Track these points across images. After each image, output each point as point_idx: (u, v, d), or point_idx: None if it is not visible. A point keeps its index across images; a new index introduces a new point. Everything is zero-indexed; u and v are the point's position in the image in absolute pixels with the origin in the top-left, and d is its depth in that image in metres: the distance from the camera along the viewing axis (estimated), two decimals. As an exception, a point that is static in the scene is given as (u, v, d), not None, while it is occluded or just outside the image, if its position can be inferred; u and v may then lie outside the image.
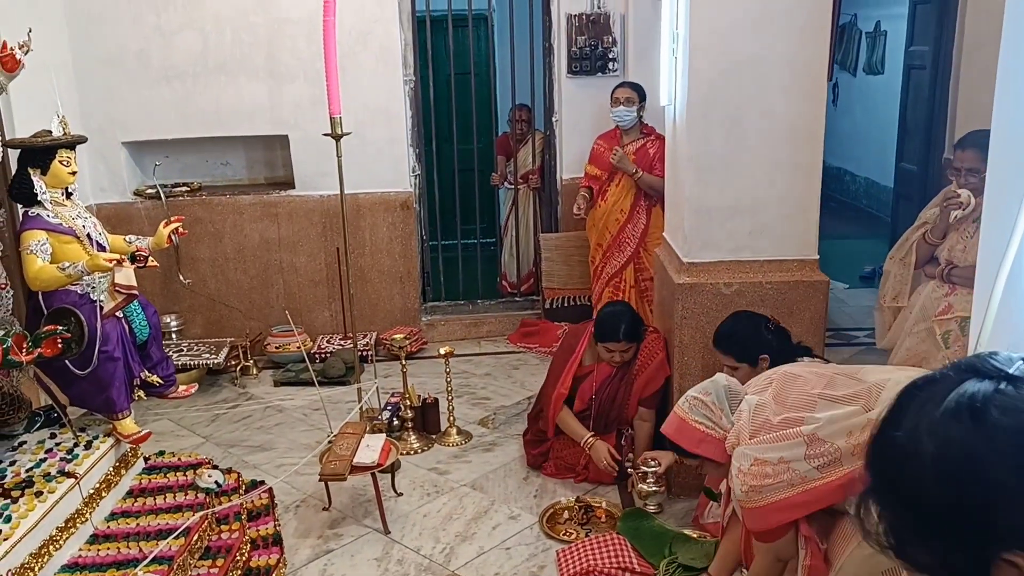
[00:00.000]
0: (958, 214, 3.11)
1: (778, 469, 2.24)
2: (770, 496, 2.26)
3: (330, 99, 3.82)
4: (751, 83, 3.21)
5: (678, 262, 3.49)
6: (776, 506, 2.26)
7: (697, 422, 2.48)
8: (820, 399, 2.33)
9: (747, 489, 2.29)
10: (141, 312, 3.38)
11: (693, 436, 2.48)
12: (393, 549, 3.34)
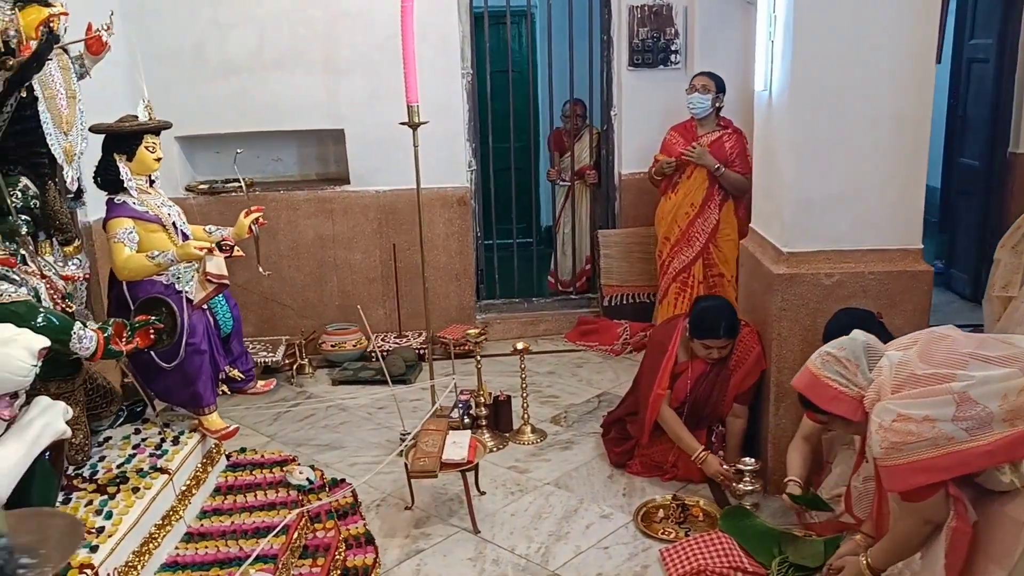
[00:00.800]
0: None
1: (922, 427, 2.15)
2: (911, 455, 2.16)
3: (407, 87, 3.74)
4: (856, 67, 3.11)
5: (775, 252, 3.39)
6: (916, 466, 2.17)
7: (830, 379, 2.39)
8: (972, 359, 2.22)
9: (887, 446, 2.20)
10: (225, 304, 3.29)
11: (826, 393, 2.39)
12: (486, 549, 3.24)
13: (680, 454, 3.63)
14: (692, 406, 3.60)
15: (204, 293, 3.00)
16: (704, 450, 3.51)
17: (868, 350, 2.39)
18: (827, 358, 2.41)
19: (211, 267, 2.98)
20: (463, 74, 5.18)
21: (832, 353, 2.41)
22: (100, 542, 2.38)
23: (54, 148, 2.76)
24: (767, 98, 3.42)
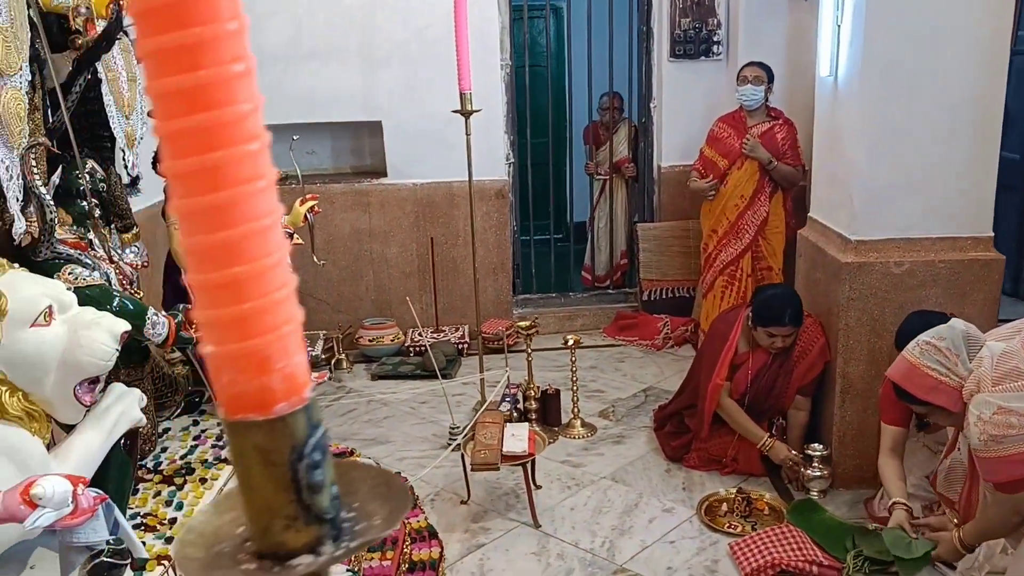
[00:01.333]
0: None
1: (1023, 421, 2.10)
2: (1010, 448, 2.15)
3: (460, 74, 3.67)
4: (930, 54, 3.05)
5: (841, 241, 3.32)
6: (1015, 458, 2.15)
7: (930, 368, 2.34)
8: None
9: (986, 438, 2.17)
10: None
11: (924, 383, 2.34)
12: (549, 543, 3.17)
13: (740, 447, 3.57)
14: (753, 398, 3.54)
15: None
16: (771, 437, 3.45)
17: (968, 339, 2.33)
18: (926, 347, 2.35)
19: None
20: (502, 66, 5.12)
21: (931, 342, 2.35)
22: (174, 533, 2.32)
23: (116, 131, 2.69)
24: (832, 84, 3.36)
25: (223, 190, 0.44)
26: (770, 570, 2.87)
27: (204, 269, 0.44)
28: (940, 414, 2.40)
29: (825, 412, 3.48)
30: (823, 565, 2.90)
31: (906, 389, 2.39)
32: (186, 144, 0.44)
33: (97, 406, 2.13)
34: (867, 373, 3.28)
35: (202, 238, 0.44)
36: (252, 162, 0.45)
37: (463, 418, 4.09)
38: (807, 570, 2.87)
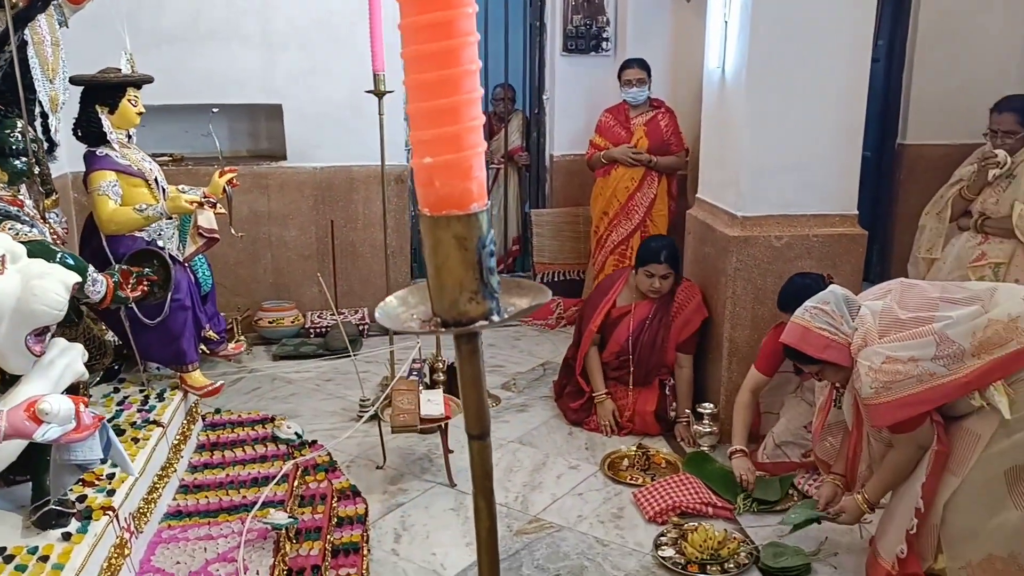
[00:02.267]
0: (996, 172, 3.41)
1: (908, 367, 2.42)
2: (899, 392, 2.43)
3: (374, 55, 3.79)
4: (806, 49, 3.42)
5: (729, 217, 3.66)
6: (903, 401, 2.43)
7: (821, 328, 2.62)
8: (941, 301, 2.52)
9: (878, 386, 2.45)
10: (205, 262, 3.27)
11: (819, 342, 2.62)
12: (465, 500, 3.35)
13: (635, 410, 3.85)
14: (639, 353, 3.85)
15: (195, 247, 2.99)
16: (605, 393, 3.86)
17: (847, 301, 2.65)
18: (815, 311, 2.65)
19: (202, 221, 2.97)
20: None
21: (818, 306, 2.65)
22: (115, 487, 2.36)
23: (41, 95, 2.70)
24: (720, 75, 3.69)
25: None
26: (670, 512, 3.15)
27: (428, 98, 0.60)
28: (831, 371, 2.69)
29: (714, 374, 3.80)
30: (717, 506, 3.21)
31: (802, 350, 2.67)
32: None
33: (42, 359, 2.16)
34: (751, 337, 3.63)
35: (428, 75, 0.60)
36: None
37: (371, 393, 4.20)
38: (703, 511, 3.18)
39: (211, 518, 2.62)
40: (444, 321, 0.65)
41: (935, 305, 2.50)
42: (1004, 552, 2.54)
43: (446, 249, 0.63)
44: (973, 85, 5.04)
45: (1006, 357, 2.37)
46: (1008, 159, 3.38)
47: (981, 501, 2.51)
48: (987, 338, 2.39)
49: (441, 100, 0.60)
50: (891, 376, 2.43)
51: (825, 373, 2.73)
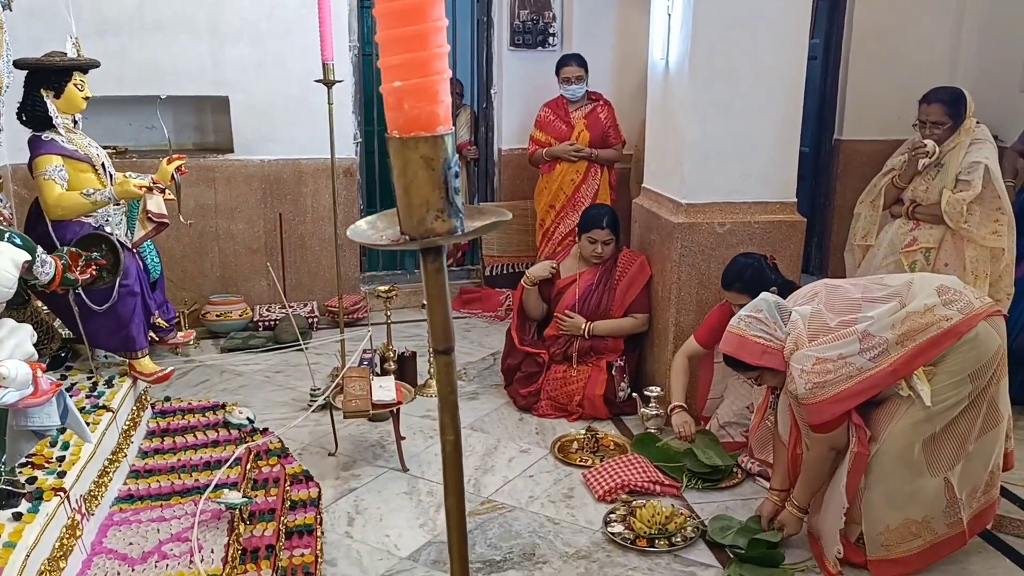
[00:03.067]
0: (926, 162, 3.56)
1: (837, 365, 2.56)
2: (832, 389, 2.56)
3: (323, 44, 3.80)
4: (746, 38, 3.53)
5: (673, 205, 3.75)
6: (836, 397, 2.57)
7: (757, 337, 2.72)
8: (863, 302, 2.68)
9: (811, 386, 2.57)
10: (153, 249, 3.25)
11: (755, 350, 2.72)
12: (418, 484, 3.38)
13: (584, 395, 3.92)
14: (587, 317, 3.96)
15: (144, 232, 2.97)
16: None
17: (779, 307, 2.76)
18: (749, 320, 2.75)
19: (151, 205, 2.96)
20: (350, 47, 5.27)
21: (752, 315, 2.75)
22: (66, 468, 2.35)
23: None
24: (664, 66, 3.79)
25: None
26: (620, 491, 3.23)
27: (397, 25, 0.65)
28: (769, 375, 2.79)
29: (660, 358, 3.90)
30: (664, 484, 3.29)
31: (740, 359, 2.77)
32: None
33: (-10, 338, 2.14)
34: (696, 322, 3.73)
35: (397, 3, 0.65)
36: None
37: (321, 383, 4.21)
38: (651, 489, 3.26)
39: (163, 501, 2.61)
40: (412, 237, 0.69)
41: (858, 306, 2.65)
42: (919, 516, 2.67)
43: (414, 169, 0.68)
44: (906, 82, 5.22)
45: (926, 343, 2.53)
46: (936, 148, 3.53)
47: (900, 471, 2.64)
48: (908, 329, 2.54)
49: (409, 27, 0.65)
50: (823, 376, 2.55)
51: (764, 378, 2.83)
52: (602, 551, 2.92)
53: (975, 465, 2.70)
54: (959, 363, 2.56)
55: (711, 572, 2.81)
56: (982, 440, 2.69)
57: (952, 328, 2.54)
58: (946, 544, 2.73)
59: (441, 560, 2.86)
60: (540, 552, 2.92)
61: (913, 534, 2.70)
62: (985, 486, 2.75)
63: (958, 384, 2.57)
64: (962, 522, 2.71)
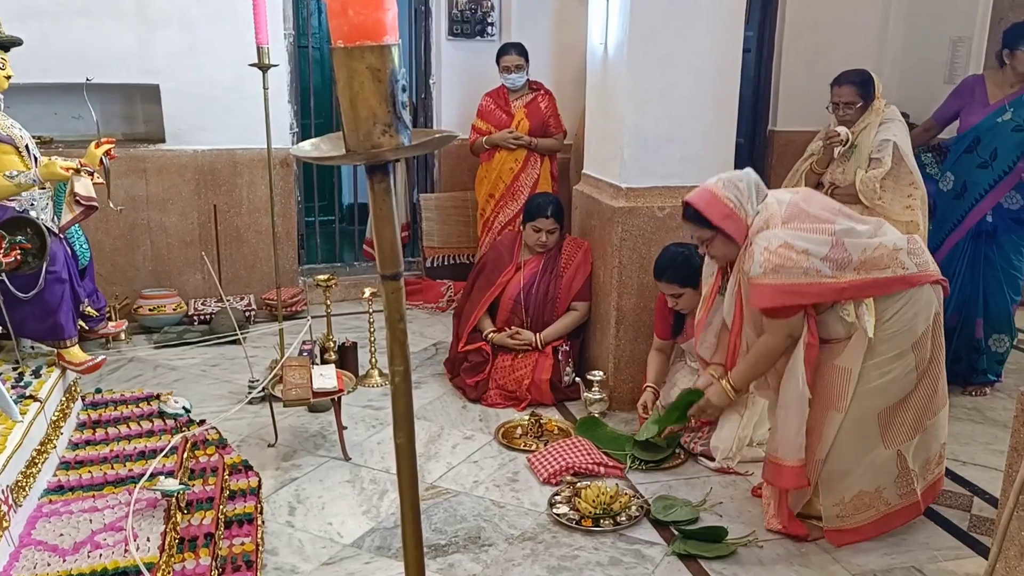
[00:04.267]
0: (840, 150, 3.66)
1: (800, 257, 2.56)
2: (783, 278, 2.57)
3: (257, 27, 3.72)
4: (683, 24, 3.57)
5: (613, 190, 3.77)
6: (786, 288, 2.57)
7: (728, 199, 2.73)
8: (840, 214, 2.71)
9: (768, 267, 2.57)
10: (82, 234, 3.15)
11: (721, 210, 2.74)
12: (360, 472, 3.33)
13: (532, 380, 3.91)
14: (531, 308, 3.98)
15: (72, 216, 2.87)
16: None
17: (758, 186, 2.79)
18: (727, 181, 2.76)
19: (79, 188, 2.85)
20: (285, 35, 5.18)
21: (732, 179, 2.78)
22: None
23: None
24: (603, 51, 3.80)
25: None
26: (564, 473, 3.23)
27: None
28: (720, 242, 2.80)
29: (602, 342, 3.91)
30: (608, 465, 3.31)
31: (705, 214, 2.76)
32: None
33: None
34: (637, 305, 3.75)
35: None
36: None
37: (260, 375, 4.12)
38: (595, 471, 3.27)
39: (96, 491, 2.52)
40: (358, 153, 0.67)
41: (837, 211, 2.70)
42: (872, 487, 2.74)
43: (360, 79, 0.65)
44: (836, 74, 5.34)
45: (882, 280, 2.58)
46: (849, 135, 3.65)
47: (856, 442, 2.70)
48: (872, 258, 2.58)
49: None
50: (782, 261, 2.56)
51: (714, 245, 2.84)
52: (548, 532, 2.92)
53: (928, 440, 2.77)
54: (898, 324, 2.61)
55: (656, 549, 2.83)
56: (936, 418, 2.76)
57: (906, 276, 2.60)
58: (900, 514, 2.81)
59: (385, 546, 2.82)
60: (486, 535, 2.90)
61: (867, 504, 2.76)
62: (937, 458, 2.83)
63: (901, 355, 2.62)
64: (915, 492, 2.78)
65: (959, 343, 4.02)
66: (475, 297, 4.13)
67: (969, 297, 3.97)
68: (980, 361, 4.02)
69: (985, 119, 3.82)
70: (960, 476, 3.36)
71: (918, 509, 2.83)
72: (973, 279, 3.94)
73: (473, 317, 4.09)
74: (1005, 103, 3.81)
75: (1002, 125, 3.78)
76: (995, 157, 3.82)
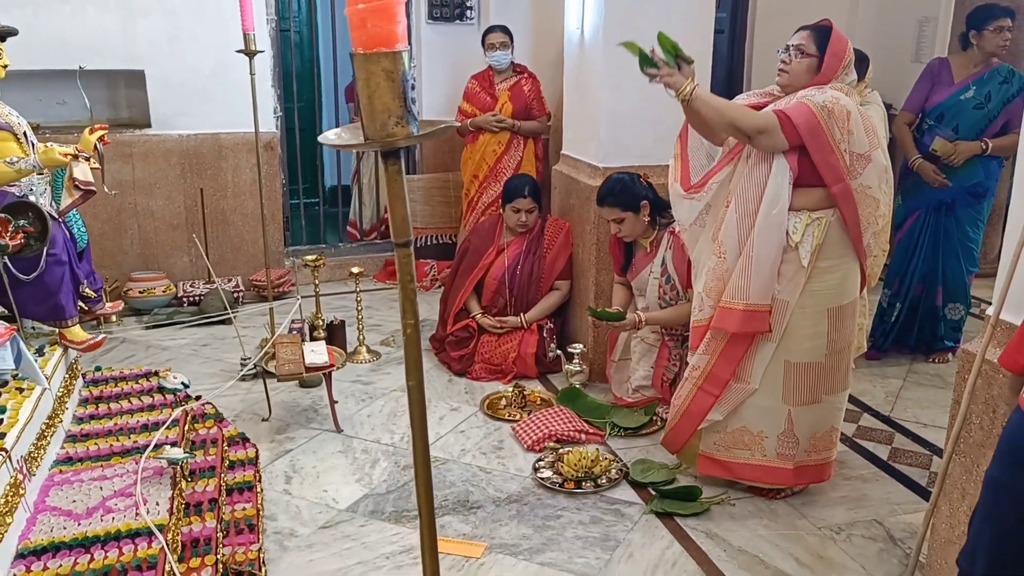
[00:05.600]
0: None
1: (845, 125, 2.67)
2: (821, 120, 2.65)
3: (243, 14, 3.81)
4: (657, 9, 3.70)
5: (591, 169, 3.92)
6: (815, 123, 2.65)
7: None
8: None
9: (826, 107, 2.66)
10: (79, 218, 3.25)
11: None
12: (352, 443, 3.48)
13: (519, 353, 4.07)
14: (515, 289, 4.12)
15: (71, 200, 2.97)
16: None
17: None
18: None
19: (78, 173, 2.96)
20: (268, 20, 5.26)
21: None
22: (4, 430, 2.37)
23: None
24: (580, 34, 3.94)
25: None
26: (547, 440, 3.39)
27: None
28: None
29: (583, 318, 4.06)
30: (589, 432, 3.48)
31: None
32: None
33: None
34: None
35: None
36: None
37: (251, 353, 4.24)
38: (577, 437, 3.43)
39: (103, 461, 2.65)
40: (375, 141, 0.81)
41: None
42: (756, 429, 2.95)
43: (377, 80, 0.79)
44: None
45: (852, 222, 2.74)
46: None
47: (764, 386, 2.88)
48: (865, 198, 2.74)
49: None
50: (835, 112, 2.68)
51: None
52: (532, 495, 3.08)
53: (820, 415, 2.92)
54: (824, 281, 2.77)
55: (634, 508, 3.00)
56: (834, 397, 2.93)
57: (860, 248, 2.77)
58: (772, 472, 2.96)
59: (379, 510, 2.98)
60: (474, 499, 3.06)
61: (745, 444, 2.96)
62: (825, 443, 2.97)
63: (817, 316, 2.79)
64: (791, 459, 2.93)
65: (923, 312, 4.22)
66: (459, 281, 4.27)
67: (931, 268, 4.16)
68: (939, 328, 4.23)
69: (949, 97, 4.00)
70: (921, 437, 3.56)
71: (790, 478, 2.96)
72: (934, 250, 4.14)
73: (459, 300, 4.22)
74: (969, 82, 3.98)
75: (964, 102, 3.96)
76: (957, 132, 4.00)
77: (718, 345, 2.91)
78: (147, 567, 2.13)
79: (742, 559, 2.70)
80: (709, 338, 2.92)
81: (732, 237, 2.82)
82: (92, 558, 2.15)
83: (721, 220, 2.90)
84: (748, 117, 2.76)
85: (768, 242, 2.74)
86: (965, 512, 2.00)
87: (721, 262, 2.86)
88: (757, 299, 2.77)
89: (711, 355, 2.93)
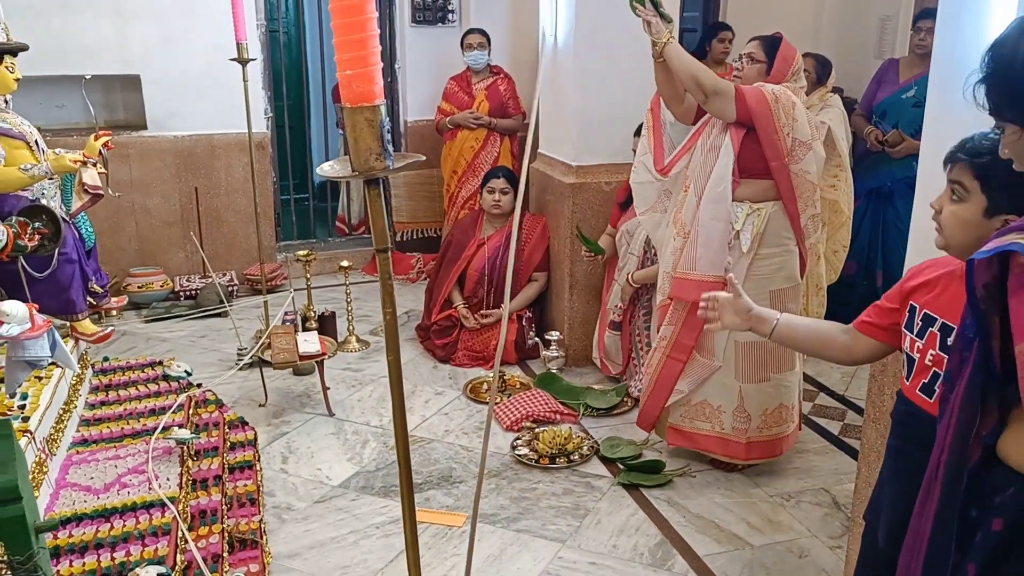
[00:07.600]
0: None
1: (790, 111, 2.97)
2: (770, 99, 2.97)
3: (236, 24, 4.03)
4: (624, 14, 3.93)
5: (565, 167, 4.17)
6: (762, 97, 2.97)
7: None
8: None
9: (773, 91, 2.98)
10: (87, 219, 3.49)
11: None
12: (344, 425, 3.74)
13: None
14: (498, 280, 4.38)
15: (80, 203, 3.21)
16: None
17: None
18: None
19: (87, 178, 3.19)
20: (259, 24, 5.49)
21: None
22: (28, 414, 2.62)
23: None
24: (553, 40, 4.19)
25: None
26: (525, 420, 3.66)
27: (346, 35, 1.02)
28: None
29: (558, 306, 4.34)
30: (564, 413, 3.75)
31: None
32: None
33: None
34: (588, 271, 4.17)
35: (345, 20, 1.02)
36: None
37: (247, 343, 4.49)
38: (552, 418, 3.70)
39: (116, 443, 2.90)
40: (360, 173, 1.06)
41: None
42: (715, 403, 3.21)
43: (361, 126, 1.04)
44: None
45: (791, 204, 3.01)
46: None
47: (726, 366, 3.14)
48: (802, 183, 3.02)
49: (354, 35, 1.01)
50: (782, 98, 2.98)
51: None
52: (510, 470, 3.35)
53: (771, 392, 3.18)
54: (764, 266, 3.04)
55: (603, 481, 3.27)
56: (782, 375, 3.18)
57: (799, 229, 3.04)
58: (730, 446, 3.22)
59: (369, 486, 3.24)
60: (456, 474, 3.33)
61: (706, 416, 3.23)
62: (776, 419, 3.22)
63: (759, 298, 2.93)
64: (744, 433, 3.19)
65: (865, 292, 4.50)
66: (444, 273, 4.53)
67: (870, 252, 4.45)
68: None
69: (891, 95, 4.28)
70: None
71: (742, 452, 3.21)
72: (873, 235, 4.43)
73: (443, 291, 4.48)
74: (912, 81, 4.26)
75: (905, 101, 4.24)
76: (898, 128, 4.29)
77: (680, 315, 3.18)
78: (162, 534, 2.38)
79: (699, 524, 2.98)
80: (672, 309, 3.20)
81: (690, 215, 3.12)
82: (112, 526, 2.41)
83: (681, 203, 3.18)
84: (711, 77, 3.02)
85: (716, 215, 3.04)
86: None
87: (683, 241, 3.13)
88: (707, 269, 3.05)
89: (675, 325, 3.20)
